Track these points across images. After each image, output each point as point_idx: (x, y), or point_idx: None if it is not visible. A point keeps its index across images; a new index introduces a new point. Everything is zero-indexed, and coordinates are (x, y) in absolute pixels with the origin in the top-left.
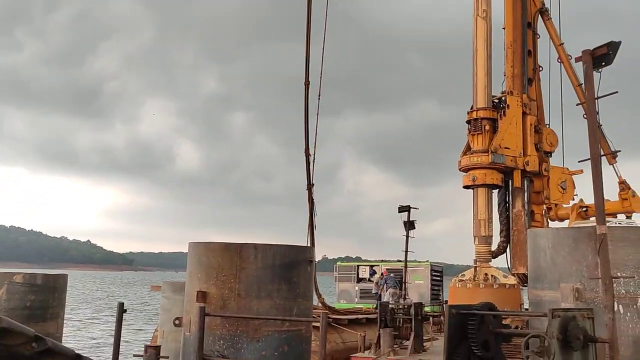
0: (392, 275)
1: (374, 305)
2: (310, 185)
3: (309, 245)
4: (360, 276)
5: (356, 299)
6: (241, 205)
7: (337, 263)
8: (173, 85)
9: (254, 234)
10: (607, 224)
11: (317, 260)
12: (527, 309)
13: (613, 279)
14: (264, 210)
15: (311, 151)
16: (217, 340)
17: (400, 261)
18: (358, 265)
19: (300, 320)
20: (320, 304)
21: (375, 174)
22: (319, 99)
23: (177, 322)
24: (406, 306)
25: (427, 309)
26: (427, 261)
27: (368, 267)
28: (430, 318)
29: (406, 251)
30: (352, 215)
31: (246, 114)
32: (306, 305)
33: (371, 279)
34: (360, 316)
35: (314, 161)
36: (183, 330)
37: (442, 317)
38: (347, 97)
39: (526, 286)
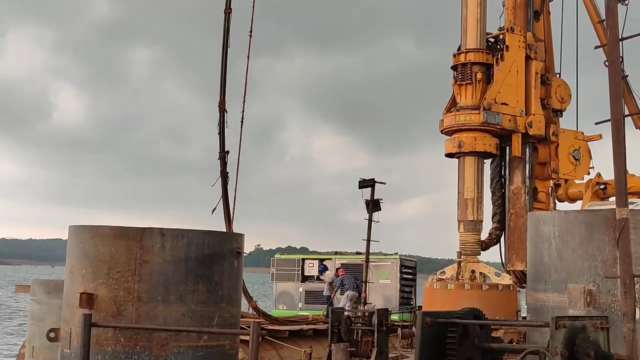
0: (350, 275)
1: (325, 312)
2: (223, 153)
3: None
4: (306, 273)
5: (300, 303)
6: (144, 175)
7: (276, 256)
8: (48, 6)
9: (161, 215)
10: (630, 207)
11: (247, 251)
12: (524, 317)
13: (635, 278)
14: (176, 183)
15: (241, 109)
16: (108, 359)
17: (360, 253)
18: (303, 259)
19: (223, 332)
20: (251, 310)
21: (328, 137)
22: (250, 35)
23: (52, 334)
24: (367, 314)
25: (394, 317)
26: (396, 254)
27: (317, 262)
28: (399, 329)
29: (368, 240)
30: (297, 191)
31: (150, 50)
32: (232, 312)
33: (322, 277)
34: (305, 327)
35: (242, 121)
36: (61, 346)
37: (413, 328)
38: (292, 31)
39: (525, 287)
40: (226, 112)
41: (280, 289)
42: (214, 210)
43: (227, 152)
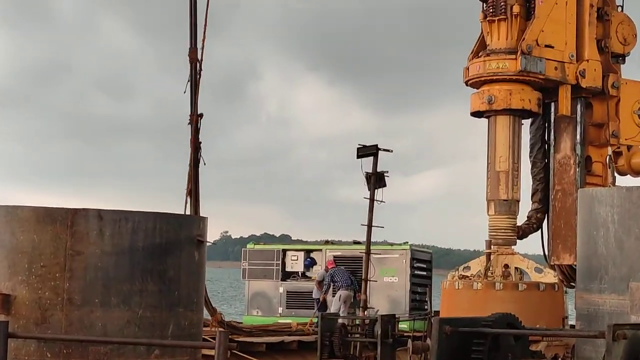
0: (342, 268)
1: (313, 320)
2: (196, 116)
3: (194, 214)
4: (288, 269)
5: (281, 308)
6: (75, 140)
7: (248, 246)
8: None
9: (99, 192)
10: None
11: (211, 240)
12: (572, 326)
13: None
14: (117, 150)
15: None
16: None
17: (359, 243)
18: (284, 251)
19: (180, 345)
20: (212, 320)
21: (316, 89)
22: None
23: None
24: (367, 321)
25: (403, 325)
26: (406, 243)
27: (302, 254)
28: (409, 341)
29: (369, 225)
30: (275, 161)
31: None
32: (191, 319)
33: (309, 274)
34: (288, 338)
35: (199, 69)
36: None
37: (428, 340)
38: None
39: (573, 287)
40: (199, 62)
41: (255, 289)
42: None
43: (201, 115)
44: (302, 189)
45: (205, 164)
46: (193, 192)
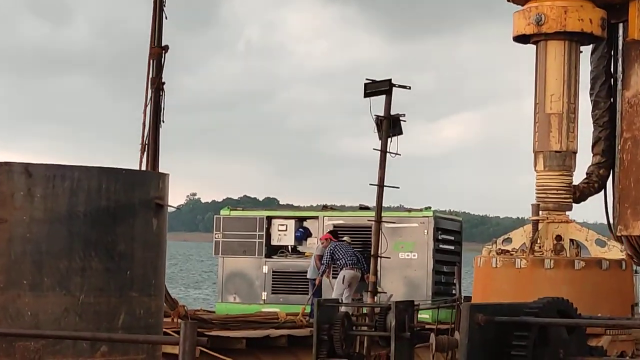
0: (345, 240)
1: (307, 309)
2: (159, 48)
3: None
4: (274, 242)
5: (265, 293)
6: None
7: (222, 212)
8: None
9: (27, 140)
10: None
11: (175, 205)
12: None
13: None
14: (52, 87)
15: None
16: None
17: (366, 209)
18: (270, 218)
19: (134, 340)
20: (172, 316)
21: (308, 8)
22: None
23: None
24: (378, 310)
25: (424, 315)
26: (428, 209)
27: (292, 223)
28: (432, 335)
29: (380, 186)
30: (258, 104)
31: None
32: (149, 306)
33: (301, 248)
34: (275, 332)
35: None
36: None
37: (456, 334)
38: None
39: None
40: None
41: (231, 268)
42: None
43: (165, 48)
44: (293, 140)
45: (163, 109)
46: (151, 143)
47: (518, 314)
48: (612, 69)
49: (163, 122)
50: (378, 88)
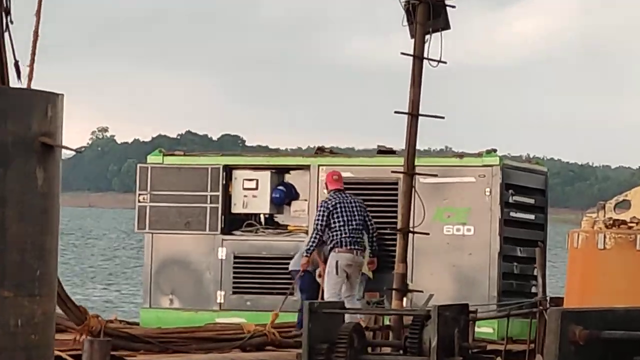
0: (354, 198)
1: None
2: None
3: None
4: (236, 208)
5: (221, 293)
6: None
7: (151, 158)
8: None
9: None
10: None
11: (75, 147)
12: None
13: None
14: None
15: None
16: None
17: (388, 153)
18: (230, 169)
19: None
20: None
21: None
22: None
23: None
24: (410, 321)
25: (485, 327)
26: (492, 154)
27: (268, 175)
28: None
29: (413, 114)
30: None
31: None
32: (32, 312)
33: (281, 219)
34: (239, 358)
35: None
36: None
37: (539, 357)
38: None
39: None
40: None
41: (166, 252)
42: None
43: None
44: (268, 41)
45: None
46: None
47: None
48: None
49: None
50: None
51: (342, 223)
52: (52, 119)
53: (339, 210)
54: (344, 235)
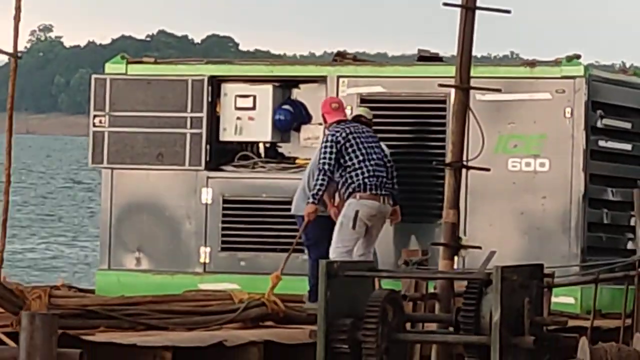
0: (367, 131)
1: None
2: None
3: None
4: (227, 135)
5: (206, 249)
6: None
7: (110, 66)
8: None
9: None
10: None
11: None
12: None
13: None
14: None
15: None
16: None
17: (433, 59)
18: (218, 81)
19: None
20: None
21: None
22: None
23: None
24: (464, 287)
25: (566, 297)
26: (574, 61)
27: (270, 90)
28: (583, 340)
29: (468, 7)
30: None
31: None
32: None
33: (285, 148)
34: (232, 335)
35: None
36: None
37: (636, 337)
38: None
39: None
40: None
41: (131, 194)
42: None
43: None
44: None
45: None
46: None
47: None
48: None
49: None
50: None
51: (361, 158)
52: None
53: (352, 142)
54: (366, 175)
